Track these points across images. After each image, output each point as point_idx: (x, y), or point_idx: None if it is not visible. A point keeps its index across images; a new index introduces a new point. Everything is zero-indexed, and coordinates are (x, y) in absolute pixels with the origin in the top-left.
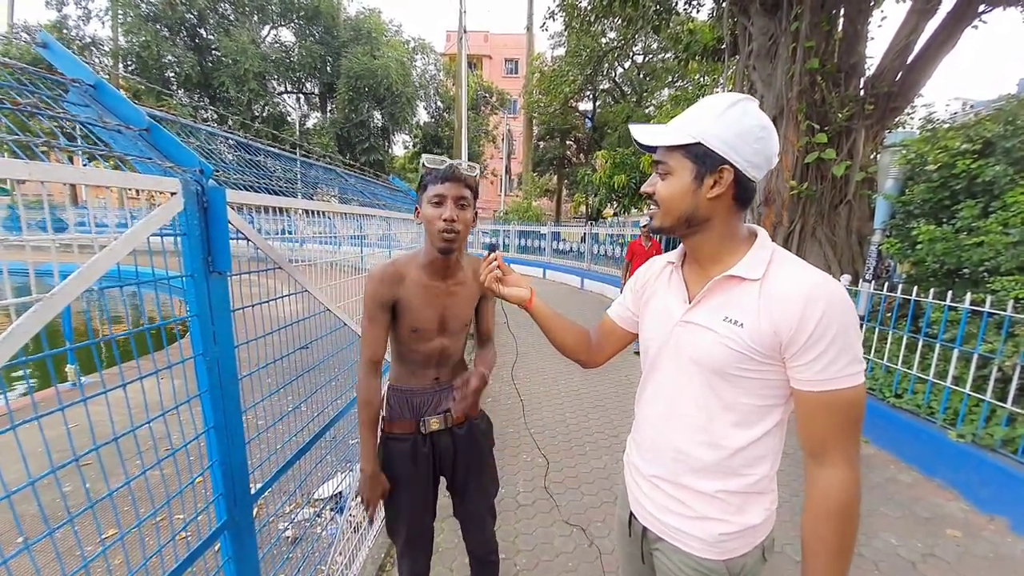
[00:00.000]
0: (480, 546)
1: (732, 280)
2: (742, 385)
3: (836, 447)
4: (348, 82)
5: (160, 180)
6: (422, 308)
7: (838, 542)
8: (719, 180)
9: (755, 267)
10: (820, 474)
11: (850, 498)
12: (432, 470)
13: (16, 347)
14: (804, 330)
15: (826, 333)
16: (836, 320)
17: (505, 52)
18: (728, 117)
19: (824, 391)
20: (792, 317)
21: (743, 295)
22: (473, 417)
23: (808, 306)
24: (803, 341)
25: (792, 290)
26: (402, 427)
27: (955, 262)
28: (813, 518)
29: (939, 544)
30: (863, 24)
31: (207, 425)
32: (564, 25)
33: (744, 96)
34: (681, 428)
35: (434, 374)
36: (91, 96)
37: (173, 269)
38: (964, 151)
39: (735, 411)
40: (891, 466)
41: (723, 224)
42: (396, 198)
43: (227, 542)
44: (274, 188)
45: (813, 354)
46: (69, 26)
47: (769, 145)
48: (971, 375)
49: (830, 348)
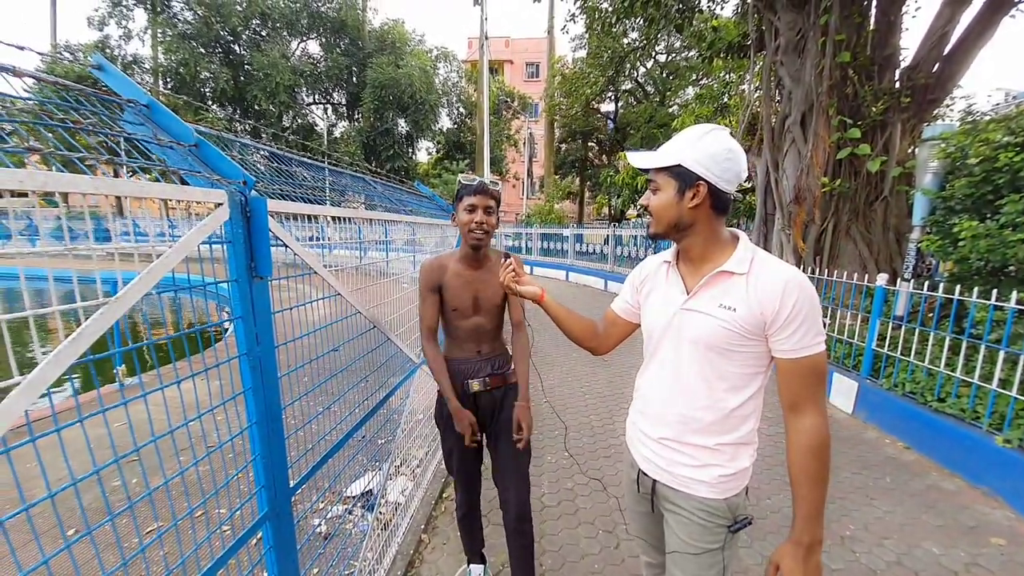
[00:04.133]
0: (514, 508)
1: (724, 275)
2: (733, 358)
3: (808, 399)
4: (373, 91)
5: (209, 192)
6: (459, 291)
7: (816, 471)
8: (696, 193)
9: (742, 264)
10: (798, 421)
11: (822, 436)
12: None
13: (84, 347)
14: (783, 312)
15: (799, 315)
16: (806, 304)
17: (526, 56)
18: (702, 143)
19: (798, 358)
20: (774, 302)
21: (734, 286)
22: (508, 383)
23: (785, 294)
24: (782, 320)
25: (773, 281)
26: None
27: (1000, 259)
28: (796, 454)
29: (983, 553)
30: (897, 15)
31: (250, 421)
32: (585, 27)
33: (715, 126)
34: (685, 396)
35: (475, 347)
36: (145, 115)
37: (210, 275)
38: (1006, 144)
39: (727, 379)
40: (933, 473)
41: (705, 228)
42: (421, 204)
43: (268, 531)
44: (305, 196)
45: (789, 331)
46: (111, 45)
47: (736, 164)
48: (1018, 377)
49: (802, 326)
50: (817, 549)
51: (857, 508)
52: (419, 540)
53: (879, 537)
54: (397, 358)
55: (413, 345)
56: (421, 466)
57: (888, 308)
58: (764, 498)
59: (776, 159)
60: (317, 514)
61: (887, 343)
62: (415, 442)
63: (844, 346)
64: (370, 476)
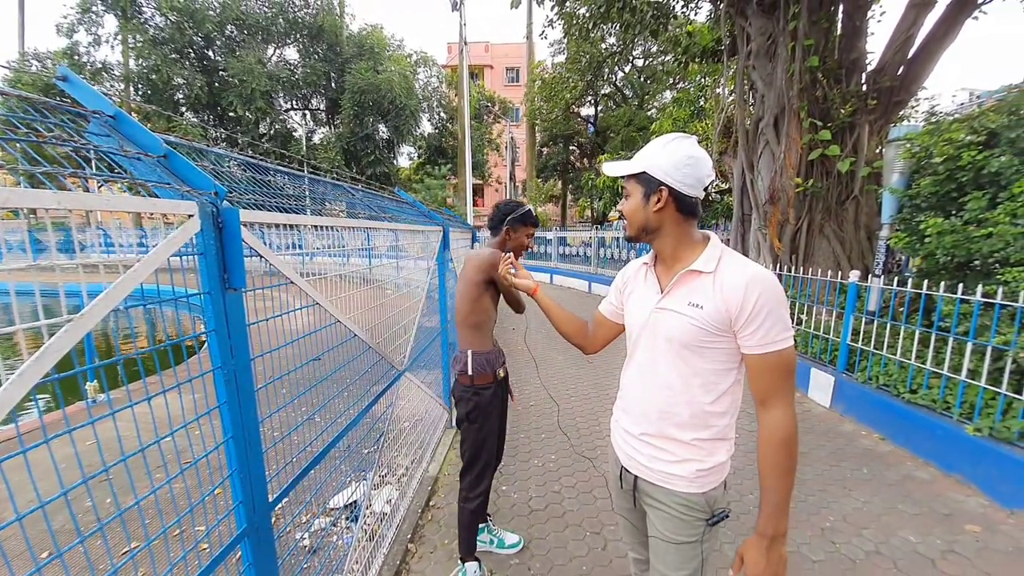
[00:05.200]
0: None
1: (693, 274)
2: (705, 355)
3: (777, 394)
4: (352, 97)
5: (178, 204)
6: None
7: (782, 463)
8: (660, 197)
9: (709, 263)
10: (767, 415)
11: (789, 430)
12: (501, 407)
13: (48, 366)
14: (746, 308)
15: (762, 311)
16: (770, 300)
17: (506, 61)
18: (665, 151)
19: (764, 353)
20: (737, 298)
21: (701, 284)
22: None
23: (748, 291)
24: (746, 316)
25: (737, 278)
26: (484, 380)
27: (965, 254)
28: (765, 447)
29: (958, 540)
30: (862, 20)
31: (226, 436)
32: (563, 33)
33: (680, 135)
34: (662, 393)
35: (492, 340)
36: (111, 126)
37: (182, 287)
38: (969, 143)
39: (700, 376)
40: (908, 463)
41: (674, 230)
42: (403, 210)
43: (248, 548)
44: (283, 206)
45: (754, 326)
46: (80, 52)
47: (698, 169)
48: (986, 368)
49: (766, 321)
50: (781, 541)
51: (836, 500)
52: (406, 550)
53: (858, 527)
54: (380, 366)
55: (396, 352)
56: (407, 474)
57: (861, 304)
58: (747, 493)
59: (751, 160)
60: (300, 527)
61: (861, 338)
62: (400, 450)
63: (820, 341)
64: (354, 487)
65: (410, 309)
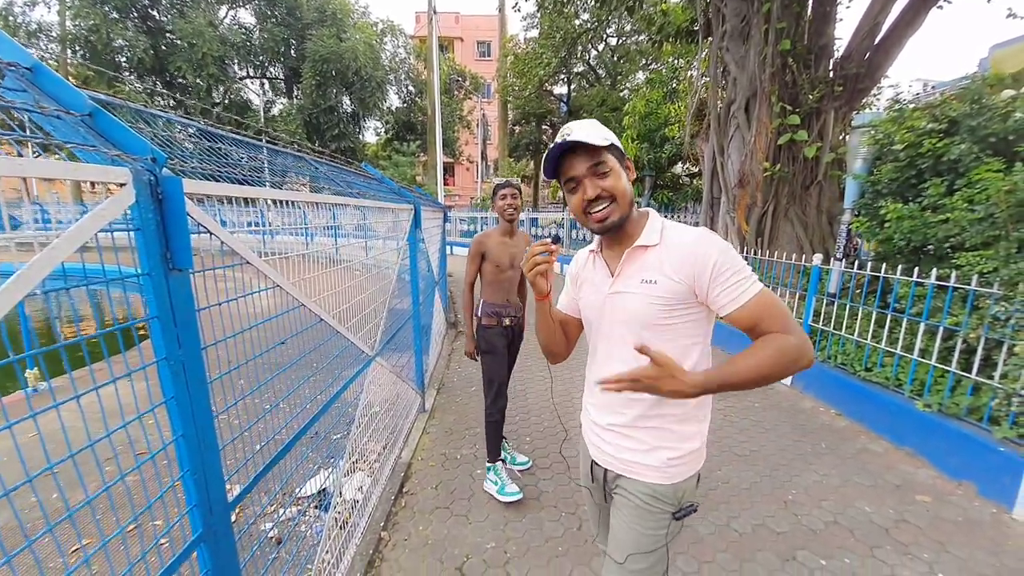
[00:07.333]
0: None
1: (640, 249)
2: (665, 333)
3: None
4: (314, 66)
5: (107, 170)
6: (500, 254)
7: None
8: (629, 167)
9: (653, 236)
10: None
11: (799, 351)
12: (507, 346)
13: None
14: (706, 268)
15: (724, 268)
16: (727, 257)
17: (477, 34)
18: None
19: (743, 304)
20: (691, 262)
21: (649, 259)
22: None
23: (699, 252)
24: (708, 276)
25: (684, 242)
26: (490, 322)
27: (921, 239)
28: (771, 339)
29: (910, 510)
30: (832, 5)
31: (175, 434)
32: (537, 6)
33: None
34: None
35: (506, 296)
36: (28, 80)
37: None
38: (930, 131)
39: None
40: (862, 437)
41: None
42: (370, 185)
43: (204, 554)
44: (239, 178)
45: (721, 284)
46: (15, 12)
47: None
48: (936, 347)
49: (732, 276)
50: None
51: (798, 474)
52: (379, 538)
53: (817, 499)
54: (349, 351)
55: (366, 336)
56: (379, 460)
57: (823, 286)
58: (715, 469)
59: (722, 144)
60: (267, 518)
61: (821, 319)
62: (372, 436)
63: None
64: (324, 474)
65: (380, 291)
